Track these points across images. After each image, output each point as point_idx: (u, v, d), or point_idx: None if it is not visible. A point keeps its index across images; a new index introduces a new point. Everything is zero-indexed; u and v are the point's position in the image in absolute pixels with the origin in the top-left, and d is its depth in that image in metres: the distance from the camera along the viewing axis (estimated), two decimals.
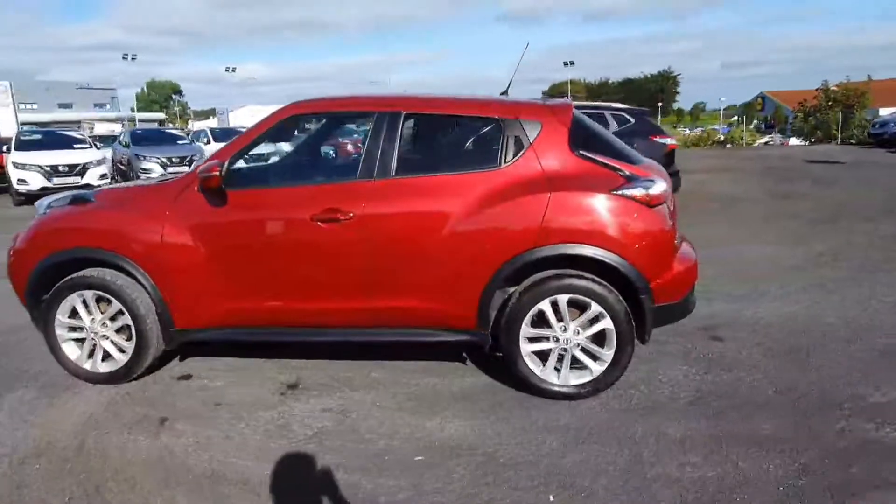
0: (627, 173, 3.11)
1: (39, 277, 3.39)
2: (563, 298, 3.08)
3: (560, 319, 3.11)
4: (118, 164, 15.62)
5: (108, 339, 3.42)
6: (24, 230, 3.53)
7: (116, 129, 46.72)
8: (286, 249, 3.22)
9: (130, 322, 3.34)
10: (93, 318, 3.40)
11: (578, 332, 3.11)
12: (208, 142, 18.81)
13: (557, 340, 3.12)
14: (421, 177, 3.20)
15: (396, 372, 3.55)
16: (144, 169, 14.46)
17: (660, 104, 56.34)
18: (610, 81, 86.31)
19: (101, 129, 42.41)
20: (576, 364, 3.16)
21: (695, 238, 3.72)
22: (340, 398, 3.27)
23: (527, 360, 3.17)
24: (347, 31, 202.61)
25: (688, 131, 40.41)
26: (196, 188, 3.24)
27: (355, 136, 11.30)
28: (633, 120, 8.01)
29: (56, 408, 3.23)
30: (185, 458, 2.73)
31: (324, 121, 3.89)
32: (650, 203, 3.05)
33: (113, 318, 3.39)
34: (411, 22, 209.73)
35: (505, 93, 3.66)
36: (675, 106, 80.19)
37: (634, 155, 3.51)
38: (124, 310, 3.34)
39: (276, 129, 3.38)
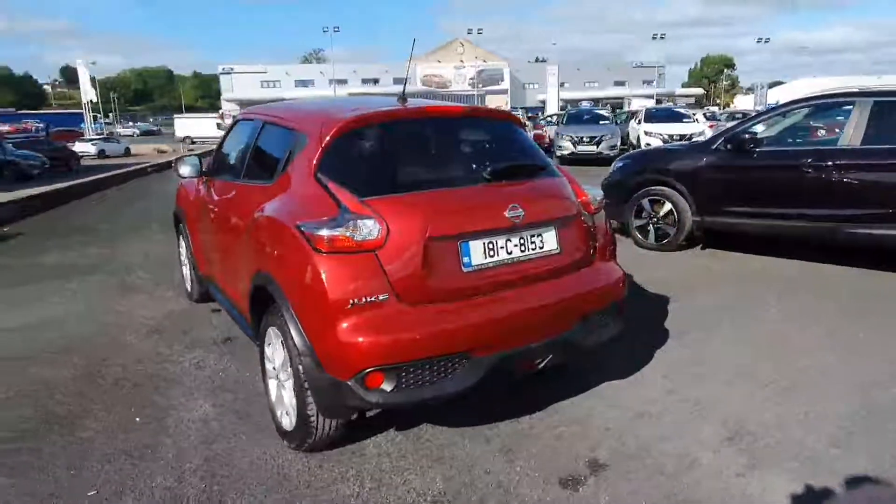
0: (343, 206, 2.49)
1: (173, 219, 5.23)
2: (272, 331, 2.80)
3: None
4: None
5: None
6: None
7: (649, 104, 50.39)
8: (209, 229, 3.99)
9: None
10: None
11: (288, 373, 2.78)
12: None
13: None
14: (242, 182, 3.40)
15: None
16: (559, 146, 16.07)
17: None
18: None
19: (637, 104, 46.86)
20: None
21: None
22: (221, 358, 3.90)
23: (269, 381, 3.03)
24: None
25: None
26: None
27: None
28: None
29: (144, 308, 5.06)
30: (128, 348, 4.04)
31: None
32: (321, 246, 2.39)
33: None
34: None
35: (403, 98, 3.15)
36: None
37: (428, 182, 2.68)
38: None
39: (231, 133, 4.07)
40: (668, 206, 6.25)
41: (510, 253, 2.65)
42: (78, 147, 29.54)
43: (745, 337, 4.02)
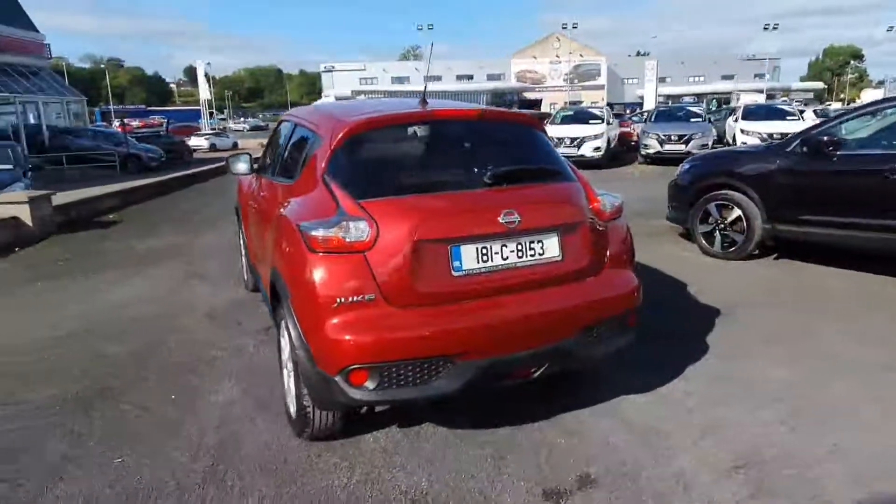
0: (340, 207, 2.59)
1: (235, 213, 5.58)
2: (284, 323, 2.95)
3: None
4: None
5: None
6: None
7: (759, 99, 47.32)
8: (254, 223, 4.23)
9: None
10: None
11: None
12: None
13: None
14: (274, 181, 3.60)
15: None
16: (645, 144, 15.41)
17: None
18: None
19: (747, 99, 44.00)
20: None
21: None
22: (259, 346, 4.15)
23: (283, 370, 3.19)
24: None
25: None
26: None
27: None
28: None
29: (206, 295, 5.46)
30: (183, 330, 4.42)
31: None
32: (315, 245, 2.49)
33: None
34: None
35: (423, 100, 3.19)
36: None
37: (427, 186, 2.73)
38: None
39: (275, 133, 4.28)
40: (736, 212, 5.86)
41: (506, 259, 2.63)
42: (193, 141, 32.17)
43: (795, 358, 3.71)
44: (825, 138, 5.19)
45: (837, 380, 3.40)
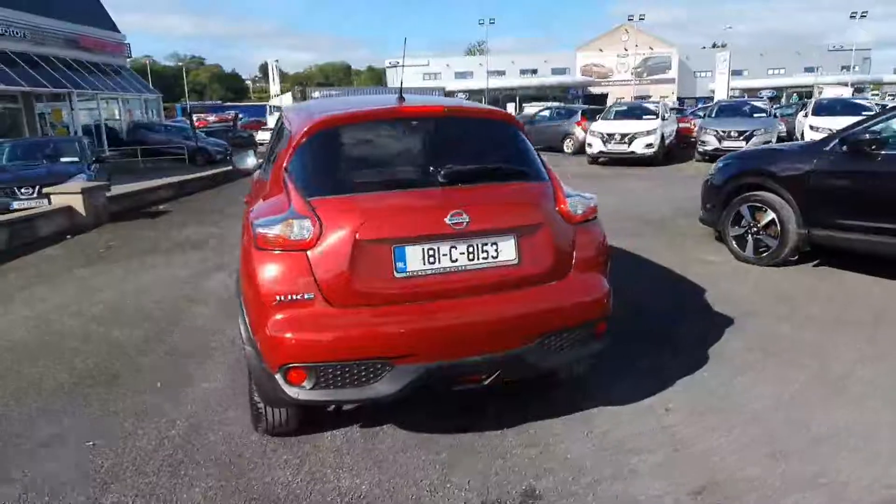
0: (291, 205, 2.58)
1: None
2: None
3: None
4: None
5: None
6: None
7: (845, 92, 44.17)
8: None
9: None
10: None
11: None
12: None
13: None
14: (259, 177, 3.65)
15: None
16: (702, 141, 14.68)
17: None
18: None
19: (830, 92, 41.14)
20: None
21: None
22: None
23: None
24: None
25: None
26: None
27: None
28: None
29: (223, 285, 5.61)
30: (193, 318, 4.59)
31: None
32: (261, 243, 2.49)
33: None
34: None
35: (401, 96, 3.12)
36: None
37: (371, 183, 2.69)
38: None
39: (273, 129, 4.34)
40: (770, 215, 5.45)
41: (455, 261, 2.53)
42: (259, 136, 33.44)
43: (800, 375, 3.41)
44: (867, 136, 4.74)
45: (841, 402, 3.09)
